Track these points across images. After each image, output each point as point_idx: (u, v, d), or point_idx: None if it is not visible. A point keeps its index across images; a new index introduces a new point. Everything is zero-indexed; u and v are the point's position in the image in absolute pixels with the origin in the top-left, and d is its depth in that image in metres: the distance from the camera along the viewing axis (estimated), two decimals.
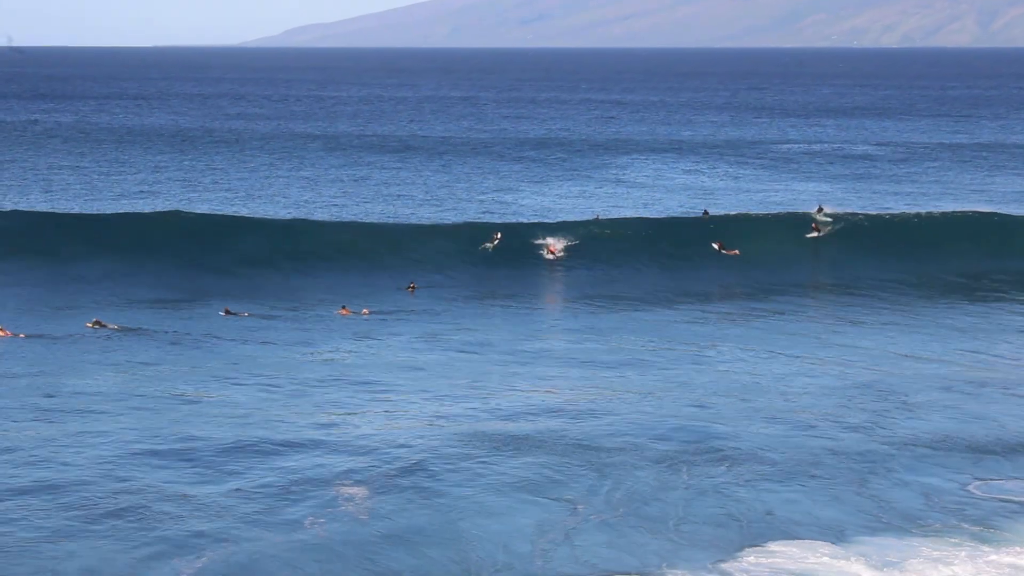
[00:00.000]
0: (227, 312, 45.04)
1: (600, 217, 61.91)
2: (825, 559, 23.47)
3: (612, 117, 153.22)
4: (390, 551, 23.31)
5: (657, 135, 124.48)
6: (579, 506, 25.74)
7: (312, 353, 39.08)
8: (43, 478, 26.63)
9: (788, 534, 24.57)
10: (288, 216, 63.67)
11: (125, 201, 71.03)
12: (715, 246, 56.07)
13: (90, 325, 42.63)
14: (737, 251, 55.78)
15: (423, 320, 44.53)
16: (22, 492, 25.78)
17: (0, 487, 26.03)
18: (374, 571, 22.56)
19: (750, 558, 23.45)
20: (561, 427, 30.97)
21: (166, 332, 41.93)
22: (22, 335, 41.36)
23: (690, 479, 27.36)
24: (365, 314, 45.36)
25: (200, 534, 23.91)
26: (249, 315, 44.75)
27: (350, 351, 39.54)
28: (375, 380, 35.74)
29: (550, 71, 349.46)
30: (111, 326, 42.67)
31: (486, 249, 53.83)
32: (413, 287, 50.00)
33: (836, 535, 24.59)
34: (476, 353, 39.32)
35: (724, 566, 23.09)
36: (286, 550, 23.26)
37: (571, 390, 34.76)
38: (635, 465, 28.15)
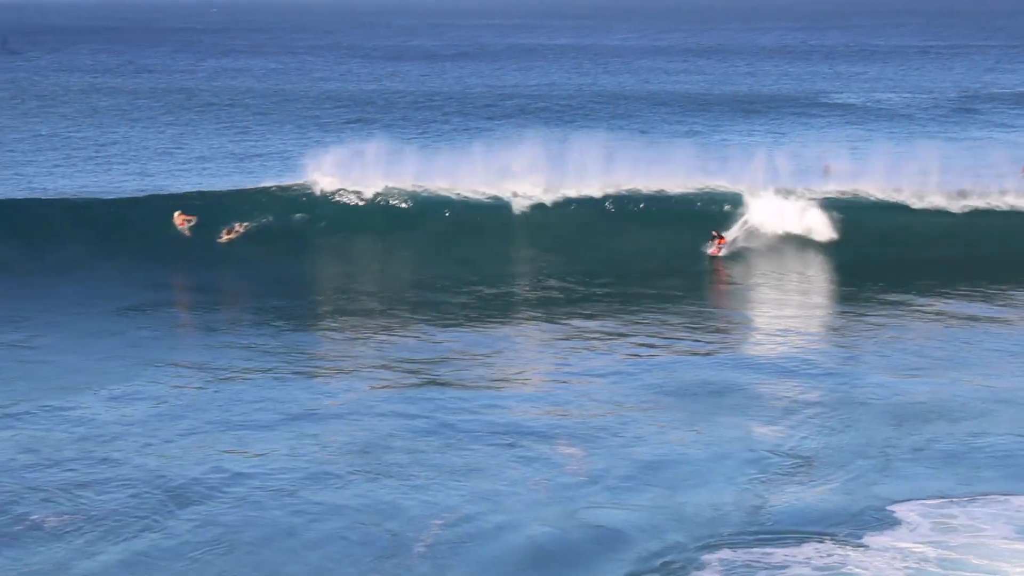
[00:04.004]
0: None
1: (831, 166, 54.78)
2: None
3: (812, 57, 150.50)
4: (603, 506, 23.16)
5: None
6: (793, 460, 25.29)
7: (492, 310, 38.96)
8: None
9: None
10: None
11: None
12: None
13: (225, 239, 42.75)
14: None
15: (621, 285, 42.99)
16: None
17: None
18: (585, 524, 22.39)
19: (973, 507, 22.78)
20: (787, 383, 30.52)
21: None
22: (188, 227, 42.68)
23: (912, 435, 26.61)
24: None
25: (430, 488, 24.07)
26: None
27: (521, 310, 39.25)
28: (560, 335, 35.46)
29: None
30: (240, 227, 42.97)
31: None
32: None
33: None
34: (692, 312, 38.83)
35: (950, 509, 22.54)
36: (514, 506, 23.25)
37: (796, 349, 34.04)
38: (857, 420, 27.56)
